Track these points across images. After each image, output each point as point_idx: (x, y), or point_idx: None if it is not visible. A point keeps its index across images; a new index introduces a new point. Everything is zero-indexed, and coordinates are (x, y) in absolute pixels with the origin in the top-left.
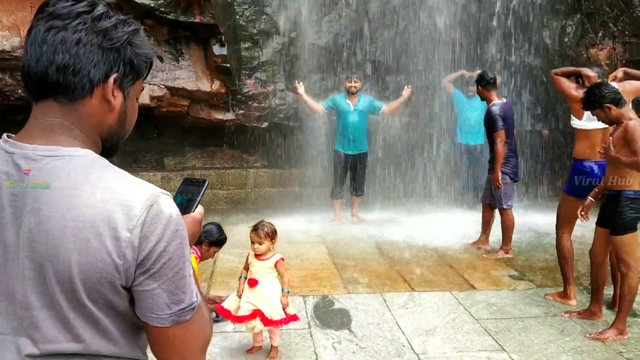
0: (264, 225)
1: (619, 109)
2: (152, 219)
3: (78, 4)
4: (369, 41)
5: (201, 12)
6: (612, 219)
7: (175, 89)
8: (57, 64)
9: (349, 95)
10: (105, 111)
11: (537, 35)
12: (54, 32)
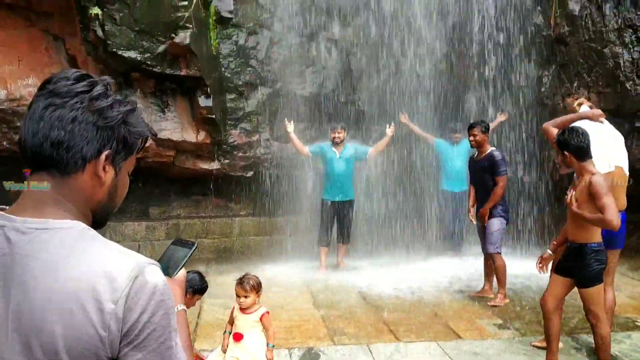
0: (249, 279)
1: (580, 161)
2: (136, 290)
3: (78, 84)
4: (352, 91)
5: (187, 65)
6: (580, 273)
7: (161, 140)
8: (52, 139)
9: (335, 144)
10: (95, 186)
11: (515, 84)
12: (52, 109)
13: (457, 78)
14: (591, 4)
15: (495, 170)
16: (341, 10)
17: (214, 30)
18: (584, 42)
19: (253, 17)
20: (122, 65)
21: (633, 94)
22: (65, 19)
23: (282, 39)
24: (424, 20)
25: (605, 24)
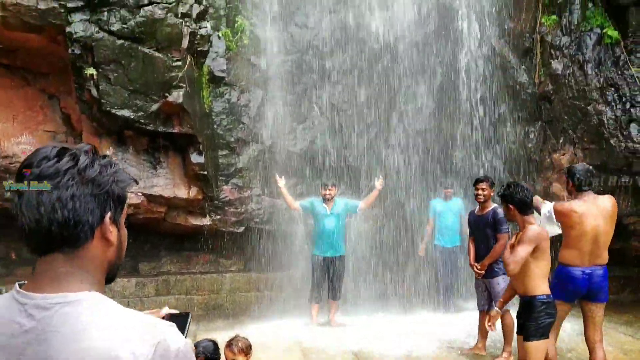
0: (237, 341)
1: (522, 215)
2: (160, 355)
3: (61, 161)
4: (342, 147)
5: (180, 123)
6: (527, 325)
7: (152, 196)
8: (58, 221)
9: (325, 201)
10: (105, 249)
11: (502, 140)
12: (47, 192)
13: (445, 134)
14: (573, 63)
15: (497, 227)
16: (331, 70)
17: (206, 88)
18: (568, 100)
19: (245, 75)
20: (115, 123)
21: (618, 150)
22: (60, 78)
23: (273, 97)
24: (411, 79)
25: (588, 83)
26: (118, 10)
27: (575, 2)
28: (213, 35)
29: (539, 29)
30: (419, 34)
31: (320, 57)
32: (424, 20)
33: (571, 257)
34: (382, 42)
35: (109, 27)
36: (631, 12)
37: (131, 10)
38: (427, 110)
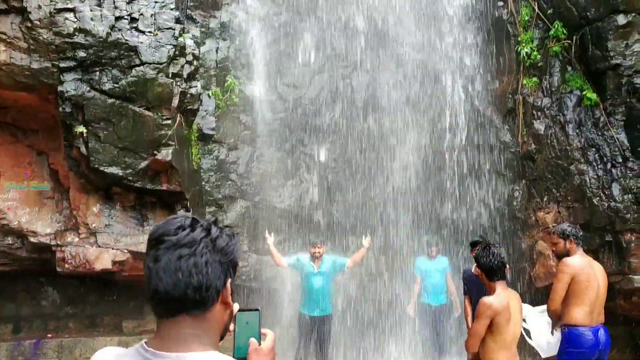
0: None
1: (488, 280)
2: None
3: (196, 231)
4: (329, 203)
5: (168, 180)
6: None
7: (138, 253)
8: (193, 285)
9: (313, 259)
10: (224, 312)
11: (488, 198)
12: (186, 258)
13: (432, 192)
14: (555, 124)
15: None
16: (319, 127)
17: (195, 146)
18: (551, 159)
19: (234, 133)
20: (104, 180)
21: (601, 209)
22: (50, 135)
23: (262, 154)
24: (398, 137)
25: (570, 143)
26: (110, 70)
27: (555, 65)
28: (203, 94)
29: (520, 90)
30: (404, 94)
31: (308, 115)
32: (409, 80)
33: (580, 316)
34: (369, 101)
35: (101, 87)
36: (608, 76)
37: (123, 70)
38: (414, 167)
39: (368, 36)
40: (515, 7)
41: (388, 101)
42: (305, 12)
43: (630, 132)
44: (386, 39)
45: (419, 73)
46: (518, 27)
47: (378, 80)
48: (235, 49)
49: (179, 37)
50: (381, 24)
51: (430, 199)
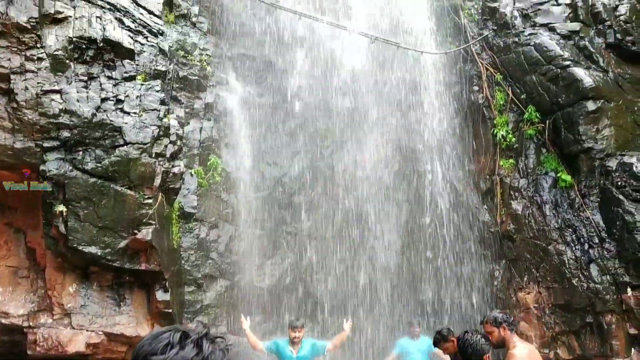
0: None
1: None
2: None
3: (186, 349)
4: (310, 283)
5: (147, 260)
6: None
7: (113, 335)
8: None
9: (292, 343)
10: None
11: (469, 278)
12: None
13: (412, 272)
14: (532, 204)
15: None
16: (300, 206)
17: (176, 224)
18: (529, 239)
19: (215, 211)
20: (81, 259)
21: (580, 290)
22: (29, 213)
23: (243, 232)
24: (378, 216)
25: (547, 223)
26: (93, 150)
27: (530, 147)
28: (186, 172)
29: (497, 171)
30: (384, 174)
31: (289, 194)
32: (389, 161)
33: None
34: (350, 181)
35: (83, 166)
36: (581, 159)
37: (106, 150)
38: (395, 246)
39: (349, 117)
40: (490, 92)
41: (368, 181)
42: (287, 94)
43: (605, 213)
44: (367, 120)
45: (399, 154)
46: (493, 110)
47: (359, 160)
48: (219, 128)
49: (163, 118)
50: (362, 106)
51: (412, 278)
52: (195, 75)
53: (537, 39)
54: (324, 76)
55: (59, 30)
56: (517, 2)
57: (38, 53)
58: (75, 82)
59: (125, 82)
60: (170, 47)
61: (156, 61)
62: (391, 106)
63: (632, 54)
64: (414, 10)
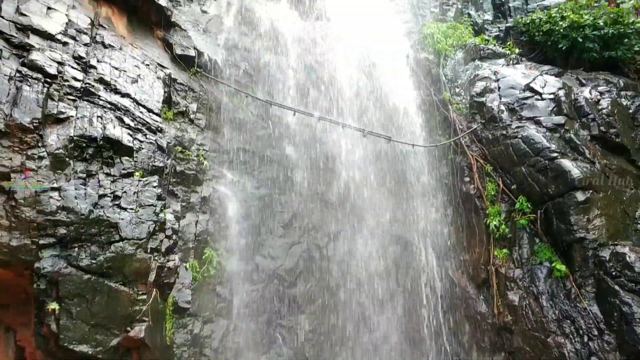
0: None
1: None
2: None
3: None
4: None
5: (140, 357)
6: None
7: None
8: None
9: None
10: None
11: None
12: None
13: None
14: (529, 295)
15: None
16: (295, 299)
17: (170, 320)
18: (527, 331)
19: (210, 306)
20: (72, 358)
21: None
22: (20, 310)
23: (237, 327)
24: (374, 307)
25: (545, 315)
26: (89, 246)
27: (524, 237)
28: (180, 266)
29: (492, 261)
30: (379, 264)
31: (285, 287)
32: (384, 251)
33: None
34: (345, 272)
35: (78, 263)
36: (575, 249)
37: (102, 246)
38: (392, 339)
39: (343, 208)
40: (481, 182)
41: (364, 272)
42: (283, 186)
43: (602, 304)
44: (361, 211)
45: (393, 244)
46: (485, 201)
47: (353, 251)
48: (215, 221)
49: (159, 213)
50: (356, 197)
51: None
52: (192, 169)
53: (524, 132)
54: (318, 168)
55: (61, 130)
56: (503, 97)
57: (39, 152)
58: (74, 180)
59: (123, 179)
60: (168, 143)
61: (154, 157)
62: (384, 197)
63: (617, 145)
64: (405, 106)
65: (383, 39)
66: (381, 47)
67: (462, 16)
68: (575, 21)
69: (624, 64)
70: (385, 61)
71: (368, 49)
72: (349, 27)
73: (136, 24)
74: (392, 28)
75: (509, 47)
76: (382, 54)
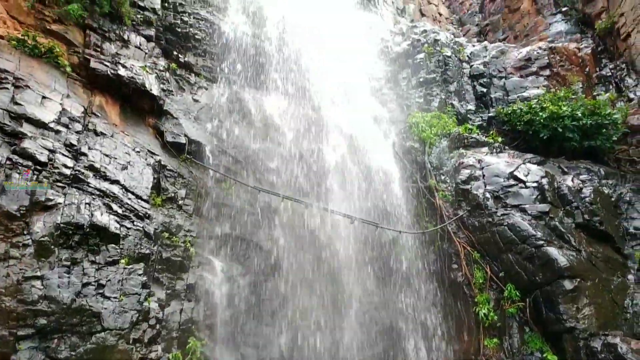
0: None
1: None
2: None
3: None
4: None
5: None
6: None
7: None
8: None
9: None
10: None
11: None
12: None
13: None
14: None
15: None
16: None
17: None
18: None
19: None
20: None
21: None
22: None
23: None
24: None
25: None
26: (69, 337)
27: (513, 326)
28: (163, 357)
29: (483, 351)
30: (367, 355)
31: None
32: (373, 341)
33: None
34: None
35: (57, 355)
36: (565, 339)
37: (83, 337)
38: None
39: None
40: (469, 269)
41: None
42: (271, 272)
43: None
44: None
45: (382, 332)
46: (474, 288)
47: (342, 340)
48: (200, 309)
49: (143, 302)
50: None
51: None
52: (179, 256)
53: (510, 220)
54: (306, 254)
55: (48, 217)
56: (488, 185)
57: (24, 240)
58: (58, 268)
59: (108, 266)
60: (155, 229)
61: (141, 244)
62: (373, 284)
63: (601, 233)
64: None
65: (371, 127)
66: (369, 134)
67: (446, 106)
68: (555, 112)
69: (603, 153)
70: (373, 149)
71: (356, 137)
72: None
73: (129, 111)
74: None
75: (492, 136)
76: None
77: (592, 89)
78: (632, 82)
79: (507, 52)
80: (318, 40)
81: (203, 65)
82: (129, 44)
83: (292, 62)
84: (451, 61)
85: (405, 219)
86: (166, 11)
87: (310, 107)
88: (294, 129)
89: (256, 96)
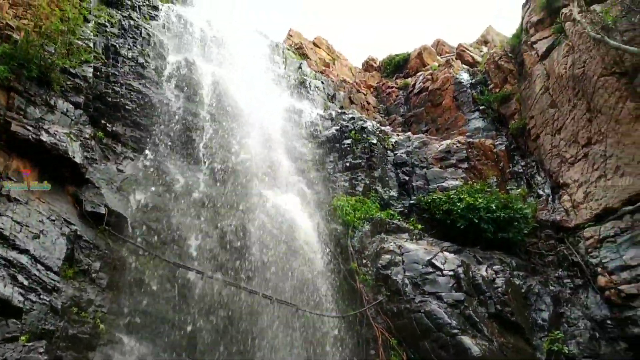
0: None
1: None
2: None
3: None
4: None
5: None
6: None
7: None
8: None
9: None
10: None
11: None
12: None
13: None
14: None
15: None
16: None
17: None
18: None
19: None
20: None
21: None
22: None
23: None
24: None
25: None
26: None
27: None
28: None
29: None
30: None
31: None
32: None
33: None
34: None
35: None
36: None
37: None
38: None
39: None
40: (386, 355)
41: None
42: (185, 353)
43: None
44: None
45: None
46: None
47: None
48: None
49: None
50: None
51: None
52: (86, 333)
53: (427, 307)
54: (222, 334)
55: None
56: (407, 271)
57: None
58: None
59: (6, 344)
60: (63, 303)
61: (45, 320)
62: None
63: (512, 324)
64: (314, 275)
65: (296, 209)
66: (294, 217)
67: (370, 191)
68: (471, 204)
69: (515, 245)
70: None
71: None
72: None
73: (48, 177)
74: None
75: (412, 223)
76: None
77: (506, 184)
78: (541, 180)
79: (428, 144)
80: (247, 121)
81: (131, 136)
82: (55, 110)
83: (220, 138)
84: (377, 148)
85: (326, 302)
86: (98, 80)
87: (238, 183)
88: (219, 203)
89: (182, 168)
